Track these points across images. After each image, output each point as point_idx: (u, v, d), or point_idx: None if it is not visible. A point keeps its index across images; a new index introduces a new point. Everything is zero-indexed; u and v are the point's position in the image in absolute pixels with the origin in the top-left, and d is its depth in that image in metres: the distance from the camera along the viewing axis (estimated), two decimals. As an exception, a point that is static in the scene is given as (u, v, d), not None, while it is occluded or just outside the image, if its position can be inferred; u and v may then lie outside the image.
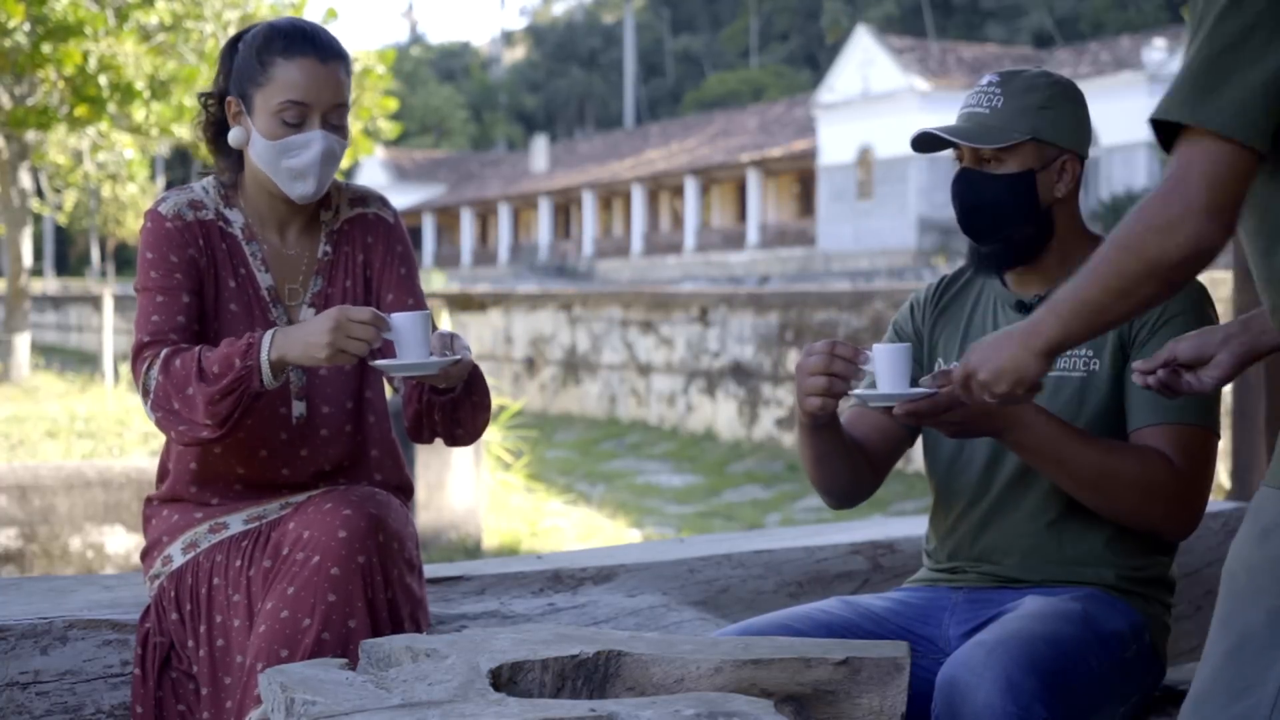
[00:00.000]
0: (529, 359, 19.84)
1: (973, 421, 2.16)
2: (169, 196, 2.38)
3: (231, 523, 2.32)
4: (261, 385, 2.17)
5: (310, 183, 2.32)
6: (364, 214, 2.46)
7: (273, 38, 2.32)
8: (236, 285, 2.36)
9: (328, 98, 2.31)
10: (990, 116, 2.30)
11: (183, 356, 2.21)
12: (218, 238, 2.36)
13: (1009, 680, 1.97)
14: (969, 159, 2.33)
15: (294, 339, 2.15)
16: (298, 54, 2.30)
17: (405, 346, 2.15)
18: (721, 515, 11.66)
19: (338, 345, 2.11)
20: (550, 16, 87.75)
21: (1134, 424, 2.27)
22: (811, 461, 2.34)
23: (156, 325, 2.28)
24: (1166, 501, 2.23)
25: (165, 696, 2.26)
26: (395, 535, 2.23)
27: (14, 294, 17.49)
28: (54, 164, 18.99)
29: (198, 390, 2.17)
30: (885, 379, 2.09)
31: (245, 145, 2.35)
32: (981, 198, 2.32)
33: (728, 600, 2.95)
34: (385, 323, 2.14)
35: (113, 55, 14.43)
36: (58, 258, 58.54)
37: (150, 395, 2.24)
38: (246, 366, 2.16)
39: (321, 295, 2.41)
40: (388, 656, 1.93)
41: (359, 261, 2.44)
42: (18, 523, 7.20)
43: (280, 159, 2.31)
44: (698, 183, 44.86)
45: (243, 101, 2.34)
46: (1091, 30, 52.71)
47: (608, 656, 1.91)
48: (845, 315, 14.06)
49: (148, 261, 2.32)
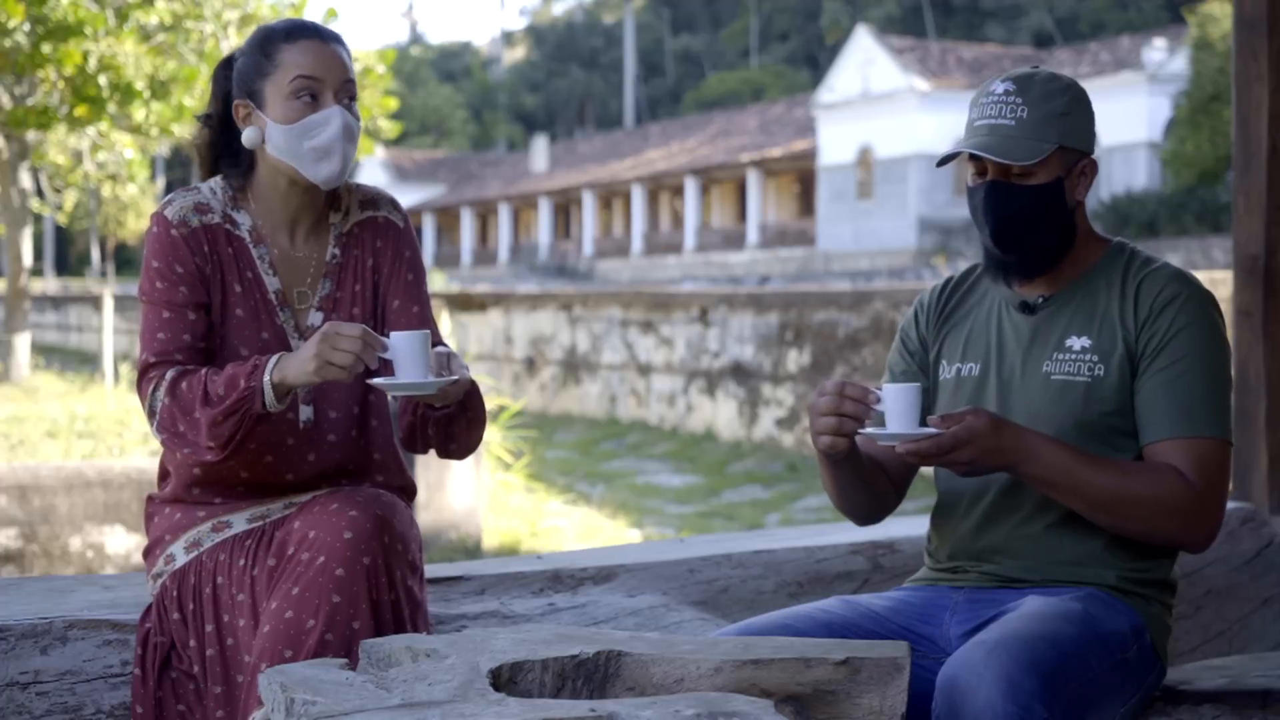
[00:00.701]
0: (529, 359, 19.84)
1: (983, 460, 2.17)
2: (175, 199, 2.37)
3: (235, 522, 2.31)
4: (264, 407, 2.17)
5: (335, 160, 2.31)
6: (374, 217, 2.45)
7: (272, 31, 2.35)
8: (242, 290, 2.34)
9: (338, 74, 2.32)
10: (1016, 128, 2.27)
11: (189, 380, 2.21)
12: (224, 242, 2.35)
13: (1009, 680, 1.97)
14: (996, 172, 2.30)
15: (291, 359, 2.16)
16: (300, 37, 2.32)
17: (403, 366, 2.15)
18: (721, 515, 11.66)
19: (324, 358, 2.10)
20: (550, 16, 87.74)
21: (1147, 438, 2.27)
22: (833, 490, 2.41)
23: (162, 344, 2.27)
24: (1183, 518, 2.23)
25: (165, 696, 2.26)
26: (400, 537, 2.22)
27: (14, 294, 17.49)
28: (54, 164, 18.98)
29: (202, 413, 2.18)
30: (893, 418, 2.15)
31: (261, 142, 2.33)
32: (1014, 210, 2.30)
33: (728, 600, 2.95)
34: (377, 340, 2.13)
35: (113, 55, 14.42)
36: (58, 258, 58.54)
37: (156, 417, 2.24)
38: (250, 388, 2.16)
39: (330, 299, 2.39)
40: (388, 656, 1.93)
41: (368, 265, 2.42)
42: (18, 523, 7.20)
43: (302, 140, 2.29)
44: (698, 183, 44.86)
45: (251, 99, 2.33)
46: (1091, 30, 52.70)
47: (608, 656, 1.91)
48: (845, 315, 14.06)
49: (153, 270, 2.31)
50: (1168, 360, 2.25)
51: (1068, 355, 2.31)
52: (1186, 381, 2.24)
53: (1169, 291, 2.28)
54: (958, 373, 2.42)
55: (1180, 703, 2.41)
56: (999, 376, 2.37)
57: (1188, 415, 2.23)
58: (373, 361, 2.14)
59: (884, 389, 2.17)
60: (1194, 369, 2.25)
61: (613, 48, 73.84)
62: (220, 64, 2.41)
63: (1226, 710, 2.43)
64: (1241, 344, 3.61)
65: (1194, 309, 2.27)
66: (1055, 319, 2.35)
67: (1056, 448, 2.20)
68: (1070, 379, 2.30)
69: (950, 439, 2.13)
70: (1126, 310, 2.30)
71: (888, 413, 2.16)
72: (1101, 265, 2.36)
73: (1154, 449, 2.26)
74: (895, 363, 2.53)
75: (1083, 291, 2.35)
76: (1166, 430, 2.24)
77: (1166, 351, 2.25)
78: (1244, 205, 3.66)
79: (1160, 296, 2.28)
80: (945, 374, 2.44)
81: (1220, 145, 27.02)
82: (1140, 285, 2.31)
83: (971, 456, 2.15)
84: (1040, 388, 2.31)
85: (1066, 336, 2.32)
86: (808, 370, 14.70)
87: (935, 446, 2.13)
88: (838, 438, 2.21)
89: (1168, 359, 2.25)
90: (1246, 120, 3.65)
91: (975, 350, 2.41)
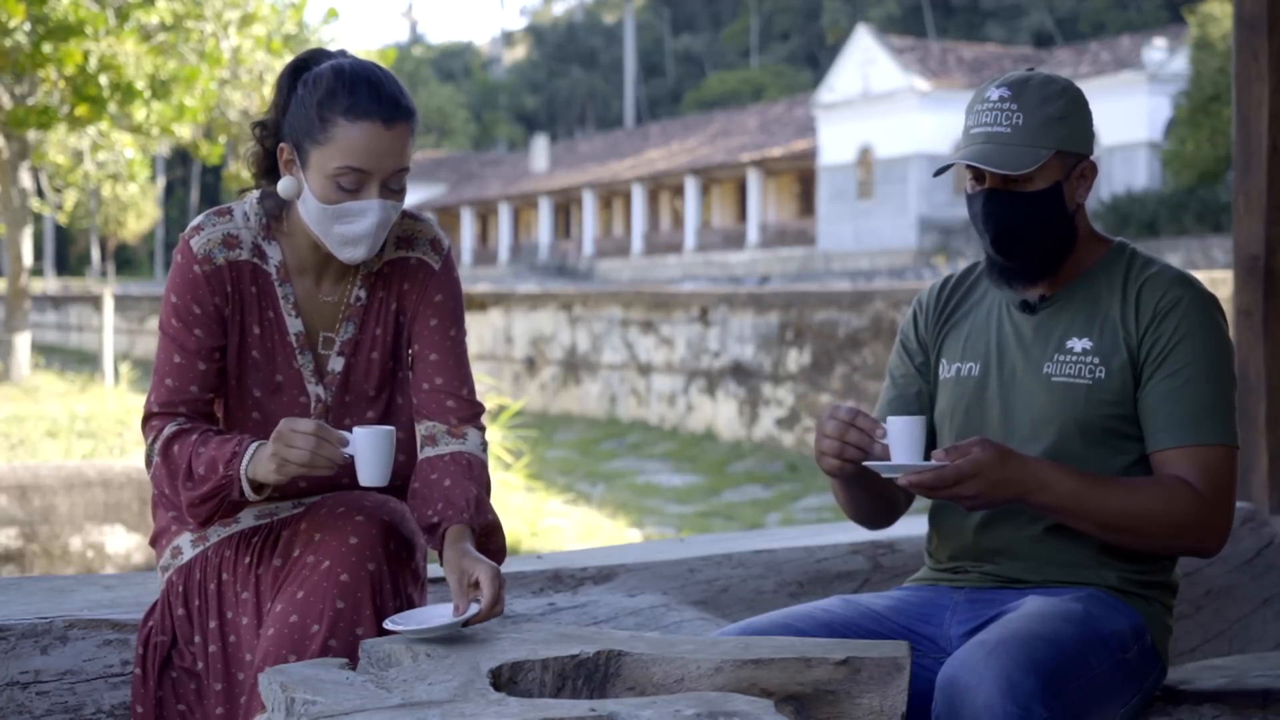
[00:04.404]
0: (529, 359, 19.84)
1: (990, 493, 2.16)
2: (204, 227, 2.26)
3: (243, 517, 2.30)
4: (242, 495, 2.15)
5: (361, 249, 2.20)
6: (406, 259, 2.33)
7: (336, 91, 2.14)
8: (261, 332, 2.28)
9: (390, 164, 2.16)
10: (1013, 135, 2.26)
11: (180, 444, 2.19)
12: (248, 280, 2.26)
13: (1009, 680, 1.97)
14: (994, 180, 2.30)
15: (261, 453, 2.11)
16: (362, 116, 2.13)
17: (364, 463, 2.08)
18: (721, 515, 11.66)
19: (281, 456, 2.05)
20: (550, 16, 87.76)
21: (1153, 446, 2.27)
22: (842, 500, 2.44)
23: (168, 393, 2.24)
24: (1195, 529, 2.23)
25: (165, 696, 2.25)
26: (405, 544, 2.21)
27: (14, 294, 17.50)
28: (54, 164, 18.99)
29: (183, 489, 2.17)
30: (897, 450, 2.16)
31: (295, 197, 2.21)
32: (1014, 218, 2.29)
33: (728, 600, 2.95)
34: (333, 434, 2.05)
35: (113, 55, 14.43)
36: (58, 257, 58.57)
37: (151, 468, 2.25)
38: (227, 476, 2.14)
39: (351, 342, 2.32)
40: (388, 656, 1.93)
41: (392, 309, 2.33)
42: (18, 523, 7.20)
43: (333, 224, 2.18)
44: (698, 182, 44.85)
45: (296, 152, 2.18)
46: (1091, 30, 52.71)
47: (608, 656, 1.91)
48: (845, 315, 14.06)
49: (171, 306, 2.25)
50: (1173, 368, 2.25)
51: (1069, 357, 2.31)
52: (1192, 389, 2.24)
53: (1171, 296, 2.28)
54: (957, 372, 2.42)
55: (1180, 703, 2.41)
56: (999, 377, 2.36)
57: (1194, 423, 2.23)
58: (337, 458, 2.06)
59: (889, 421, 2.17)
60: (1199, 376, 2.24)
61: (613, 48, 73.84)
62: (289, 72, 2.22)
63: (1226, 710, 2.43)
64: (1242, 344, 3.61)
65: (1197, 314, 2.27)
66: (1056, 319, 2.34)
67: (1064, 475, 2.20)
68: (1071, 381, 2.30)
69: (954, 472, 2.12)
70: (1128, 314, 2.30)
71: (892, 445, 2.17)
72: (1103, 266, 2.36)
73: (1161, 458, 2.26)
74: (895, 366, 2.53)
75: (1084, 292, 2.35)
76: (1173, 439, 2.24)
77: (1171, 359, 2.25)
78: (1244, 205, 3.66)
79: (1163, 301, 2.28)
80: (945, 373, 2.44)
81: (1220, 145, 27.02)
82: (1142, 289, 2.30)
83: (978, 490, 2.14)
84: (1041, 389, 2.31)
85: (1067, 338, 2.32)
86: (808, 370, 14.71)
87: (937, 479, 2.13)
88: (841, 462, 2.22)
89: (1173, 366, 2.25)
90: (1246, 120, 3.65)
91: (975, 349, 2.41)
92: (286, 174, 2.21)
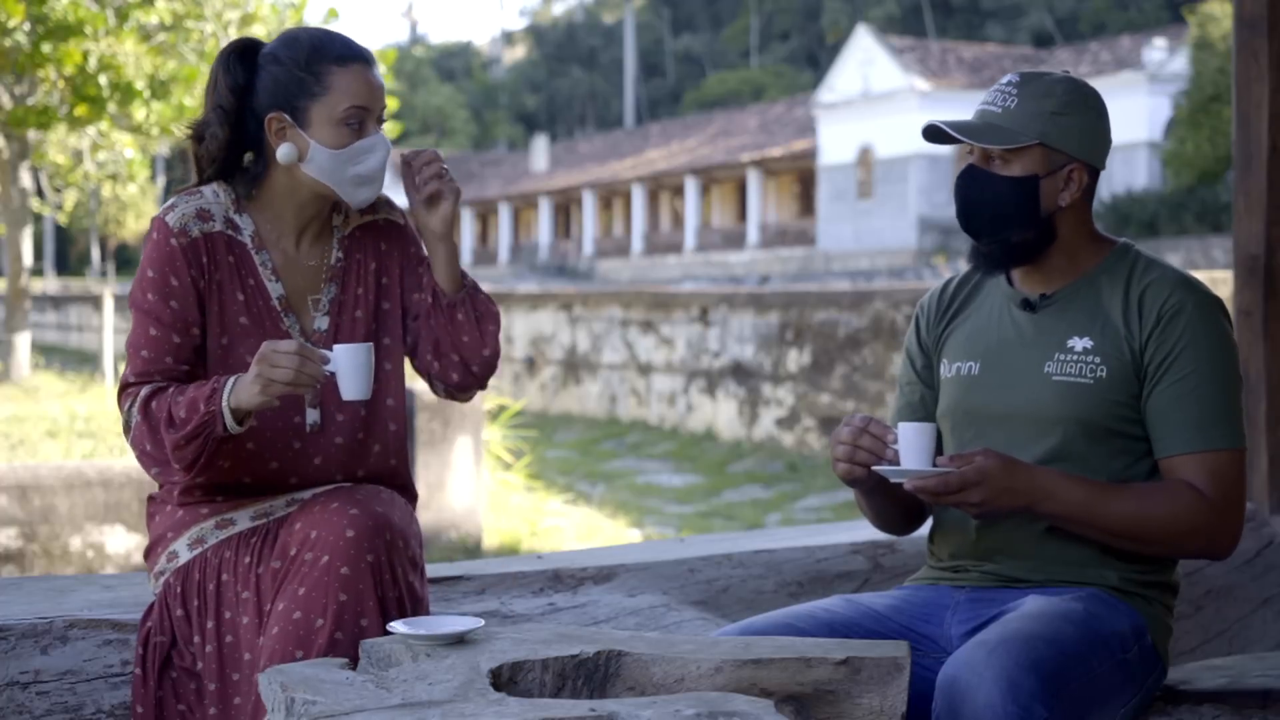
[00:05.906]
0: (529, 358, 19.84)
1: (996, 501, 2.17)
2: (177, 204, 2.33)
3: (238, 519, 2.31)
4: (225, 430, 2.17)
5: (376, 187, 2.35)
6: (374, 220, 2.45)
7: (319, 46, 2.30)
8: (245, 298, 2.33)
9: (380, 99, 2.33)
10: (1002, 116, 2.29)
11: (159, 399, 2.22)
12: (224, 251, 2.33)
13: (1010, 680, 1.97)
14: (978, 157, 2.33)
15: (242, 381, 2.15)
16: (351, 60, 2.30)
17: (345, 378, 2.16)
18: (721, 515, 11.66)
19: (265, 377, 2.11)
20: (550, 16, 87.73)
21: (1162, 452, 2.27)
22: (866, 510, 2.47)
23: (144, 363, 2.27)
24: (1204, 534, 2.24)
25: (165, 696, 2.26)
26: (400, 534, 2.23)
27: (14, 294, 17.48)
28: (54, 164, 18.97)
29: (167, 436, 2.19)
30: (905, 455, 2.18)
31: (297, 160, 2.30)
32: (982, 196, 2.32)
33: (728, 600, 2.95)
34: (314, 353, 2.13)
35: (113, 55, 14.42)
36: (58, 257, 58.55)
37: (130, 432, 2.26)
38: (210, 412, 2.16)
39: (335, 301, 2.39)
40: (388, 656, 1.93)
41: (371, 269, 2.42)
42: (18, 523, 7.20)
43: (347, 167, 2.29)
44: (698, 182, 44.85)
45: (292, 115, 2.29)
46: (1091, 30, 52.70)
47: (608, 656, 1.91)
48: (845, 315, 14.06)
49: (147, 280, 2.29)
50: (1179, 373, 2.24)
51: (1070, 356, 2.31)
52: (1198, 395, 2.24)
53: (1175, 300, 2.27)
54: (958, 371, 2.42)
55: (1180, 703, 2.41)
56: (1000, 375, 2.36)
57: (1201, 428, 2.23)
58: (320, 375, 2.13)
59: (899, 427, 2.20)
60: (1205, 380, 2.24)
61: (613, 48, 73.82)
62: (221, 65, 2.33)
63: (1226, 710, 2.43)
64: (1242, 344, 3.61)
65: (1202, 318, 2.26)
66: (1057, 318, 2.34)
67: (1070, 483, 2.21)
68: (1072, 380, 2.30)
69: (959, 479, 2.14)
70: (1131, 316, 2.29)
71: (901, 450, 2.19)
72: (1105, 266, 2.35)
73: (1169, 463, 2.26)
74: (902, 374, 2.55)
75: (1085, 291, 2.34)
76: (1181, 444, 2.24)
77: (1177, 364, 2.25)
78: (1244, 205, 3.66)
79: (1167, 306, 2.27)
80: (946, 372, 2.45)
81: (1220, 145, 27.01)
82: (1145, 292, 2.30)
83: (983, 498, 2.16)
84: (1042, 388, 2.31)
85: (1069, 337, 2.32)
86: (808, 370, 14.71)
87: (943, 485, 2.14)
88: (853, 467, 2.25)
89: (1179, 372, 2.24)
90: (1246, 120, 3.65)
91: (976, 348, 2.41)
92: (281, 141, 2.30)
